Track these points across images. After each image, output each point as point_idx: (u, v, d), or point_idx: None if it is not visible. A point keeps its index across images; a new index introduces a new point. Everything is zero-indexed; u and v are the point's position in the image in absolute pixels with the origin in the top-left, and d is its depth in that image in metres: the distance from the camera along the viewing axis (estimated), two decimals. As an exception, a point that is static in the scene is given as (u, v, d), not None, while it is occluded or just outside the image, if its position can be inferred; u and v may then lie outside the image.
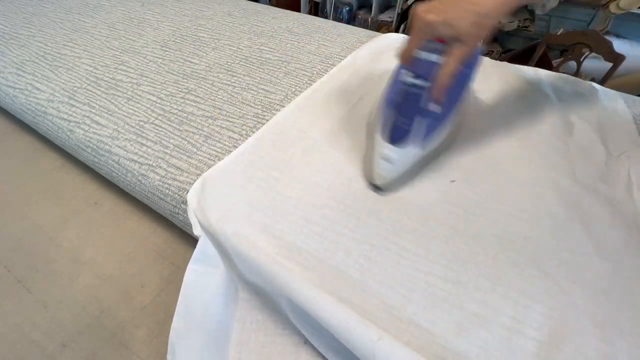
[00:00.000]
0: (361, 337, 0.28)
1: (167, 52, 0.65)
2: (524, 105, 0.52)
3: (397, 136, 0.37)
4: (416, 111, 0.36)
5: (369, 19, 1.70)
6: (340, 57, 0.63)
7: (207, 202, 0.38)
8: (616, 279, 0.32)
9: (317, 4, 2.06)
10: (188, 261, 0.35)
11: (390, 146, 0.37)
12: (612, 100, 0.52)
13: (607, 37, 1.05)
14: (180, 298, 0.34)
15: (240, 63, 0.61)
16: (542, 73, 0.58)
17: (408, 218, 0.37)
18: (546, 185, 0.40)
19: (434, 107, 0.37)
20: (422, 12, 0.32)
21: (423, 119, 0.36)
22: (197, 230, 0.37)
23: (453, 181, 0.40)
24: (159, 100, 0.53)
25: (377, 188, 0.40)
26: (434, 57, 0.34)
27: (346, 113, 0.49)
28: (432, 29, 0.32)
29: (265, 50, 0.65)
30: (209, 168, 0.42)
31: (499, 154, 0.44)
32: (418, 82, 0.35)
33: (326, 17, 1.95)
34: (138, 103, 0.53)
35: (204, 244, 0.36)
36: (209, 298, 0.35)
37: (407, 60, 0.35)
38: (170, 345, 0.32)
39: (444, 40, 0.33)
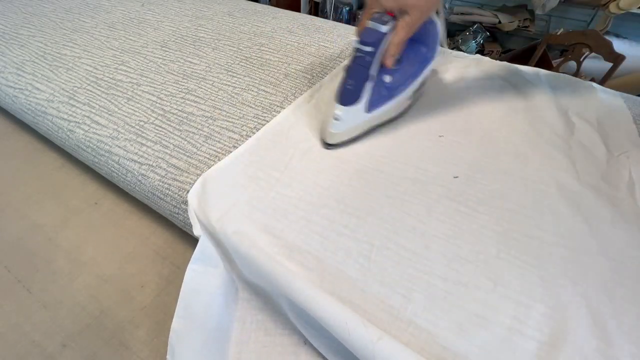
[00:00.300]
0: (361, 337, 0.27)
1: (167, 52, 0.65)
2: (524, 104, 0.52)
3: (344, 97, 0.41)
4: (361, 73, 0.40)
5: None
6: (340, 58, 0.63)
7: (208, 201, 0.38)
8: (618, 278, 0.32)
9: (317, 4, 2.06)
10: (188, 261, 0.35)
11: (339, 106, 0.41)
12: (612, 100, 0.52)
13: (607, 37, 1.05)
14: (180, 298, 0.34)
15: (241, 64, 0.61)
16: (542, 73, 0.58)
17: (409, 216, 0.37)
18: (549, 183, 0.40)
19: (386, 78, 0.43)
20: None
21: (367, 82, 0.40)
22: (197, 230, 0.37)
23: (456, 177, 0.41)
24: (159, 100, 0.53)
25: (328, 146, 0.44)
26: (377, 27, 0.37)
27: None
28: (379, 2, 0.38)
29: (265, 50, 0.65)
30: (209, 168, 0.42)
31: (501, 151, 0.44)
32: (362, 47, 0.39)
33: (326, 17, 1.95)
34: (138, 103, 0.53)
35: (204, 243, 0.36)
36: (209, 298, 0.35)
37: (359, 30, 0.40)
38: (170, 345, 0.32)
39: (392, 13, 0.37)
